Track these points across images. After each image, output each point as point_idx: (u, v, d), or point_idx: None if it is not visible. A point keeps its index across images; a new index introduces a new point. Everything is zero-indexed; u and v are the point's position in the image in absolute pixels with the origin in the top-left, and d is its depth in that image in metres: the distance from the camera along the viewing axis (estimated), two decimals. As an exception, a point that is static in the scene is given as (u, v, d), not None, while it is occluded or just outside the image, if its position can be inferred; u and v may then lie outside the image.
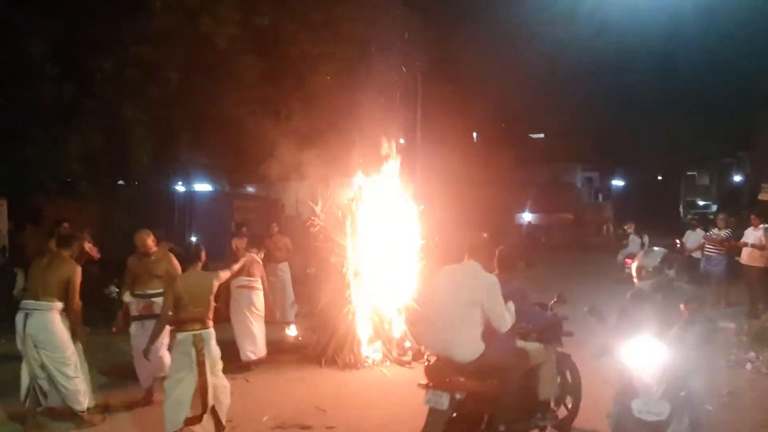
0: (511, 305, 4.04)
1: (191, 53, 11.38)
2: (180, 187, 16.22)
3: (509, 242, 6.37)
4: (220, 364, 4.65)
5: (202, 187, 17.88)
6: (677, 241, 18.29)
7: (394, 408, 5.56)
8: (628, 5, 16.43)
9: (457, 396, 3.73)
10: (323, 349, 7.16)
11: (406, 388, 6.24)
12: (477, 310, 3.88)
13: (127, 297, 5.74)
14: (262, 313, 7.14)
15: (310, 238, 8.47)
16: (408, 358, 7.10)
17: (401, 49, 16.64)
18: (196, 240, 14.79)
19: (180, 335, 4.54)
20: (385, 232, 7.52)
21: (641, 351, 3.81)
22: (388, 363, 7.09)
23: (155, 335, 4.85)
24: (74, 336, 5.07)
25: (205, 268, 4.93)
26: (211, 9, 10.62)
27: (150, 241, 5.71)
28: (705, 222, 16.30)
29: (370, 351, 7.12)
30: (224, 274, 4.95)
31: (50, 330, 4.89)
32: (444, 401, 3.71)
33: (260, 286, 7.21)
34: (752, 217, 9.92)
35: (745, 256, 9.64)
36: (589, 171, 44.80)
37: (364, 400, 5.84)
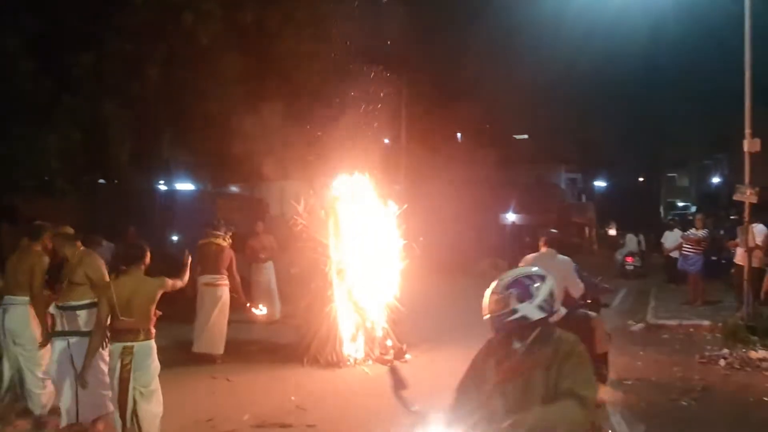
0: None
1: (173, 49, 11.29)
2: (162, 186, 16.07)
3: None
4: (155, 384, 4.16)
5: (185, 186, 17.73)
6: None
7: (374, 405, 5.58)
8: (612, 11, 16.65)
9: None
10: (305, 348, 7.15)
11: (387, 385, 6.28)
12: (560, 283, 4.60)
13: (52, 308, 4.81)
14: (227, 311, 7.29)
15: (294, 237, 8.56)
16: (389, 356, 7.12)
17: (387, 48, 16.72)
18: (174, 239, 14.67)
19: (111, 347, 4.09)
20: (368, 232, 7.55)
21: None
22: (370, 362, 7.11)
23: (91, 352, 4.14)
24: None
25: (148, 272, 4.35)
26: (194, 4, 10.54)
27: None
28: (684, 222, 16.69)
29: (352, 350, 7.14)
30: (173, 283, 4.37)
31: (26, 325, 4.82)
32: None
33: (226, 282, 7.35)
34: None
35: (739, 256, 9.34)
36: (572, 172, 45.29)
37: (345, 398, 5.86)
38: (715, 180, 36.57)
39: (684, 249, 11.16)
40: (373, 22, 15.57)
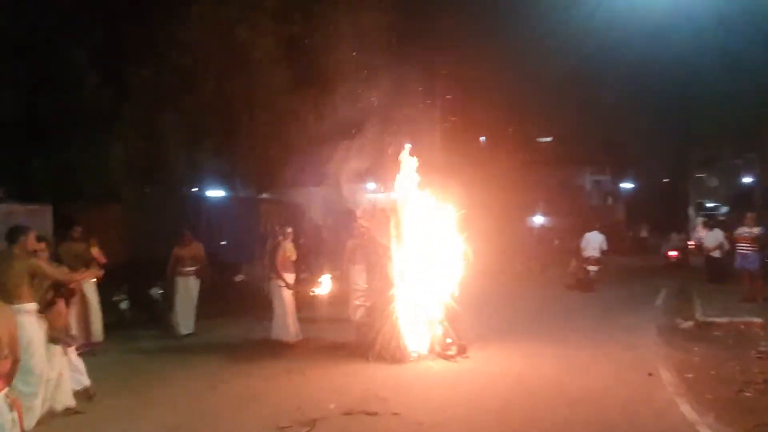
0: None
1: (226, 61, 11.81)
2: (207, 193, 16.60)
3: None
4: None
5: (225, 192, 18.27)
6: (690, 243, 19.41)
7: (449, 395, 5.92)
8: (635, 12, 16.72)
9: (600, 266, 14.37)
10: (370, 344, 7.48)
11: (455, 378, 6.61)
12: (598, 244, 14.02)
13: None
14: (284, 302, 8.39)
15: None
16: (452, 352, 7.43)
17: (422, 57, 17.06)
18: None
19: None
20: (428, 234, 7.90)
21: None
22: (432, 357, 7.42)
23: None
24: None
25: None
26: (248, 19, 11.03)
27: None
28: (717, 223, 16.79)
29: (415, 346, 7.46)
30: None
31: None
32: (595, 269, 14.02)
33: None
34: None
35: None
36: (598, 174, 45.04)
37: (419, 389, 6.18)
38: (746, 180, 36.05)
39: (741, 248, 11.15)
40: (408, 30, 16.02)
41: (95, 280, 7.59)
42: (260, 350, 8.02)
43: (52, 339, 5.00)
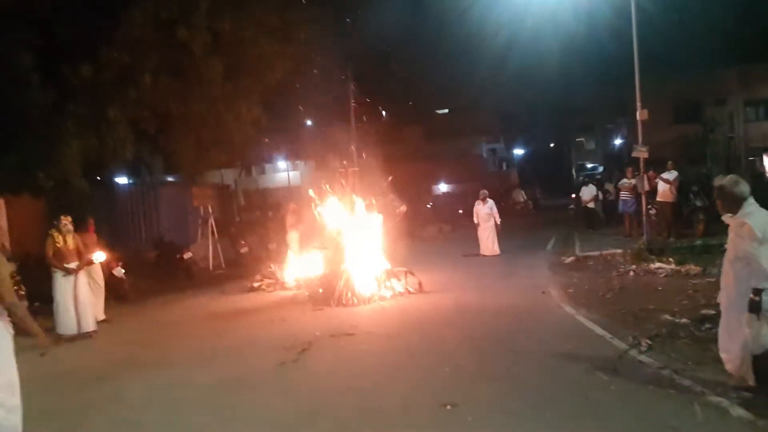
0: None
1: (162, 57, 12.63)
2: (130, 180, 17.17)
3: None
4: None
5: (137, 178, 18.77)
6: (573, 196, 22.83)
7: (403, 319, 7.83)
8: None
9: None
10: (330, 295, 9.23)
11: (404, 310, 8.56)
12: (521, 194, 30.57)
13: None
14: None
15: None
16: (414, 287, 9.62)
17: (334, 45, 18.59)
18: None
19: None
20: (365, 212, 9.88)
21: None
22: (381, 299, 9.30)
23: None
24: None
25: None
26: (186, 19, 11.94)
27: None
28: (591, 180, 20.20)
29: (365, 292, 9.29)
30: None
31: None
32: (520, 207, 29.56)
33: None
34: (669, 163, 12.54)
35: (660, 195, 12.07)
36: (492, 142, 48.99)
37: (379, 319, 8.04)
38: (618, 142, 41.20)
39: (622, 195, 14.06)
40: (323, 22, 17.40)
41: None
42: (235, 311, 9.48)
43: None
